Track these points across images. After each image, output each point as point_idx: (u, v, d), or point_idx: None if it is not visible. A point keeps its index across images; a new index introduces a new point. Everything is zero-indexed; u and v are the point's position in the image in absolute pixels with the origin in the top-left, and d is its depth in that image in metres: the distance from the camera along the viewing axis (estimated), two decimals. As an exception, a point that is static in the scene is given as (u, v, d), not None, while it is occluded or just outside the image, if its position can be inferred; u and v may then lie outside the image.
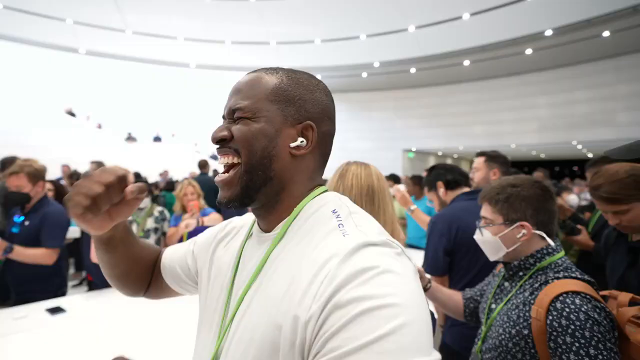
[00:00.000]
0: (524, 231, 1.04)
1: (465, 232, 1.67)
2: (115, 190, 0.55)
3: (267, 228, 0.58)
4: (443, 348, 1.74)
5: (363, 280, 0.42)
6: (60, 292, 2.20)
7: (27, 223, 2.12)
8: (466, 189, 1.97)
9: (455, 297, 1.33)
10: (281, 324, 0.45)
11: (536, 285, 0.99)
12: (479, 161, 2.10)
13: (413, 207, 2.45)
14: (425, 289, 1.28)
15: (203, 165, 5.57)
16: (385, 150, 15.19)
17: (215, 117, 0.59)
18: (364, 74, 14.10)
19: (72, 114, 12.84)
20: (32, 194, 2.13)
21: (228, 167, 0.56)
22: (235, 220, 0.71)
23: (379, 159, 13.22)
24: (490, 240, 1.09)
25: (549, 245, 1.04)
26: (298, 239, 0.52)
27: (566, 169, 23.54)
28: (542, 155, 19.29)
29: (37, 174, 2.15)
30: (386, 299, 0.40)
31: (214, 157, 11.10)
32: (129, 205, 0.59)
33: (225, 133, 0.55)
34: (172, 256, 0.75)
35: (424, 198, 3.79)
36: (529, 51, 11.15)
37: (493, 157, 2.05)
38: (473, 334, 1.24)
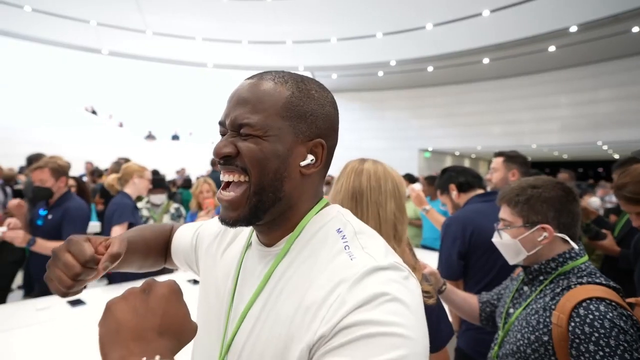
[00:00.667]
0: (545, 234, 1.00)
1: (479, 235, 1.63)
2: (92, 263, 0.56)
3: (268, 242, 0.57)
4: (457, 352, 1.70)
5: (373, 306, 0.42)
6: (82, 285, 2.27)
7: (50, 217, 2.21)
8: (480, 191, 1.93)
9: (471, 300, 1.30)
10: (290, 346, 0.46)
11: (557, 290, 0.95)
12: (497, 161, 2.05)
13: (428, 207, 2.42)
14: (440, 291, 1.26)
15: (214, 162, 5.65)
16: (400, 149, 15.02)
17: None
18: (380, 73, 13.98)
19: (94, 112, 13.25)
20: (54, 189, 2.21)
21: (229, 184, 0.53)
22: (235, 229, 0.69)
23: (394, 158, 13.08)
24: (509, 243, 1.06)
25: (572, 249, 1.01)
26: (303, 257, 0.52)
27: (590, 170, 22.71)
28: (565, 156, 18.67)
29: (60, 170, 2.24)
30: (392, 328, 0.41)
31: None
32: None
33: (230, 150, 0.51)
34: (179, 242, 0.78)
35: (439, 199, 3.74)
36: (552, 48, 10.79)
37: (512, 158, 2.00)
38: (488, 338, 1.22)
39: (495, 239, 1.12)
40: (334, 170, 1.06)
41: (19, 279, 3.90)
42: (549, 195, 1.02)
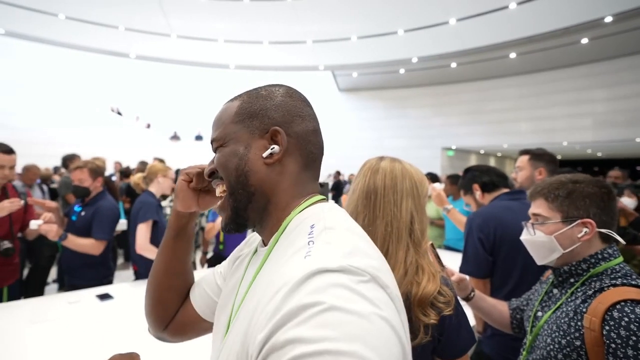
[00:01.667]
0: (585, 229, 0.94)
1: (505, 232, 1.56)
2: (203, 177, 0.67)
3: (265, 242, 0.59)
4: (480, 357, 1.64)
5: (302, 320, 0.36)
6: (107, 280, 2.38)
7: (83, 214, 2.32)
8: (505, 190, 1.85)
9: (500, 306, 1.24)
10: (247, 348, 0.43)
11: (589, 292, 0.90)
12: (523, 160, 1.96)
13: (449, 206, 2.35)
14: (468, 299, 1.20)
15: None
16: (422, 148, 14.74)
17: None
18: (402, 70, 13.77)
19: (119, 113, 13.81)
20: (91, 188, 2.35)
21: (221, 196, 0.59)
22: (256, 235, 0.68)
23: (416, 157, 12.85)
24: (543, 240, 0.99)
25: (605, 249, 0.95)
26: (278, 255, 0.50)
27: (627, 168, 21.41)
28: (599, 154, 17.72)
29: (97, 171, 2.38)
30: (323, 344, 0.34)
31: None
32: (212, 197, 0.70)
33: (212, 166, 0.60)
34: (200, 281, 0.75)
35: (462, 199, 3.64)
36: (584, 40, 10.26)
37: (538, 156, 1.91)
38: (515, 345, 1.17)
39: (525, 236, 1.05)
40: (355, 170, 1.04)
41: (53, 272, 4.11)
42: (592, 191, 0.96)
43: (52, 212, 2.22)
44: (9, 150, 2.08)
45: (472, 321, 1.69)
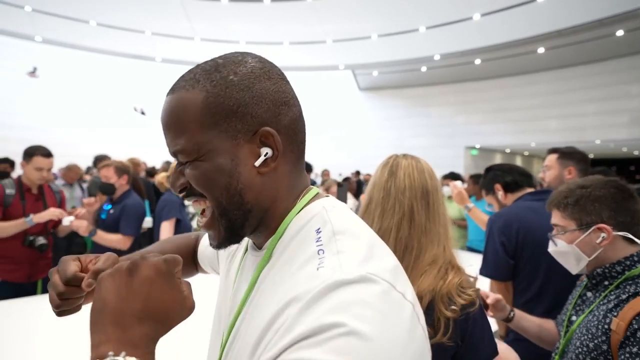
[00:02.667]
0: (602, 234, 0.92)
1: (528, 234, 1.50)
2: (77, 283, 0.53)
3: (258, 246, 0.53)
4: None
5: (318, 341, 0.33)
6: (134, 276, 2.48)
7: (111, 211, 2.45)
8: (530, 190, 1.78)
9: (547, 325, 1.17)
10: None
11: (623, 296, 0.87)
12: (551, 159, 1.89)
13: (470, 205, 2.29)
14: (508, 319, 1.15)
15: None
16: (444, 147, 14.41)
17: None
18: (424, 68, 13.52)
19: (143, 113, 14.33)
20: (117, 185, 2.46)
21: (204, 210, 0.50)
22: None
23: (438, 156, 12.58)
24: (566, 250, 0.98)
25: None
26: (282, 263, 0.46)
27: (667, 168, 20.14)
28: (636, 152, 16.75)
29: (122, 168, 2.49)
30: None
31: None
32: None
33: (182, 181, 0.47)
34: (204, 250, 0.79)
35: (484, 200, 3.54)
36: (619, 33, 9.71)
37: (568, 154, 1.83)
38: (541, 351, 1.13)
39: (551, 248, 1.04)
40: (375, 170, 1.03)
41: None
42: (600, 194, 0.94)
43: (86, 209, 2.37)
44: (48, 154, 2.24)
45: (494, 326, 1.63)
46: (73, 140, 11.56)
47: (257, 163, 0.45)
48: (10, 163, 4.73)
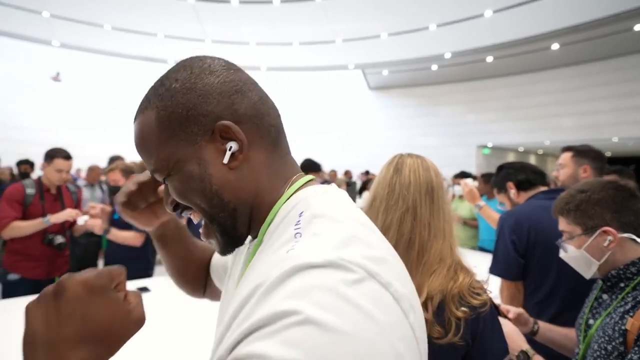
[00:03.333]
0: (609, 237, 0.92)
1: (540, 234, 1.48)
2: (149, 190, 0.61)
3: (253, 236, 0.52)
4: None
5: (271, 331, 0.30)
6: (146, 273, 2.55)
7: (124, 211, 2.52)
8: (543, 188, 1.75)
9: (572, 334, 1.14)
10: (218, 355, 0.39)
11: None
12: (565, 157, 1.85)
13: (481, 203, 2.27)
14: (533, 332, 1.14)
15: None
16: (456, 146, 14.24)
17: (284, 118, 0.52)
18: (434, 67, 13.38)
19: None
20: None
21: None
22: None
23: (449, 156, 12.45)
24: (577, 255, 0.98)
25: None
26: (266, 249, 0.44)
27: (689, 166, 19.44)
28: (655, 150, 16.25)
29: (128, 170, 2.56)
30: None
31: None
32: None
33: (171, 199, 0.49)
34: (218, 260, 0.76)
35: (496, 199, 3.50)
36: (637, 27, 9.44)
37: (582, 152, 1.79)
38: (557, 354, 1.12)
39: (562, 254, 1.05)
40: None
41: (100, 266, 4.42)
42: (599, 196, 0.95)
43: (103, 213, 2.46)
44: (67, 156, 2.33)
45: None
46: (89, 141, 11.85)
47: (225, 160, 0.44)
48: (30, 164, 4.89)
